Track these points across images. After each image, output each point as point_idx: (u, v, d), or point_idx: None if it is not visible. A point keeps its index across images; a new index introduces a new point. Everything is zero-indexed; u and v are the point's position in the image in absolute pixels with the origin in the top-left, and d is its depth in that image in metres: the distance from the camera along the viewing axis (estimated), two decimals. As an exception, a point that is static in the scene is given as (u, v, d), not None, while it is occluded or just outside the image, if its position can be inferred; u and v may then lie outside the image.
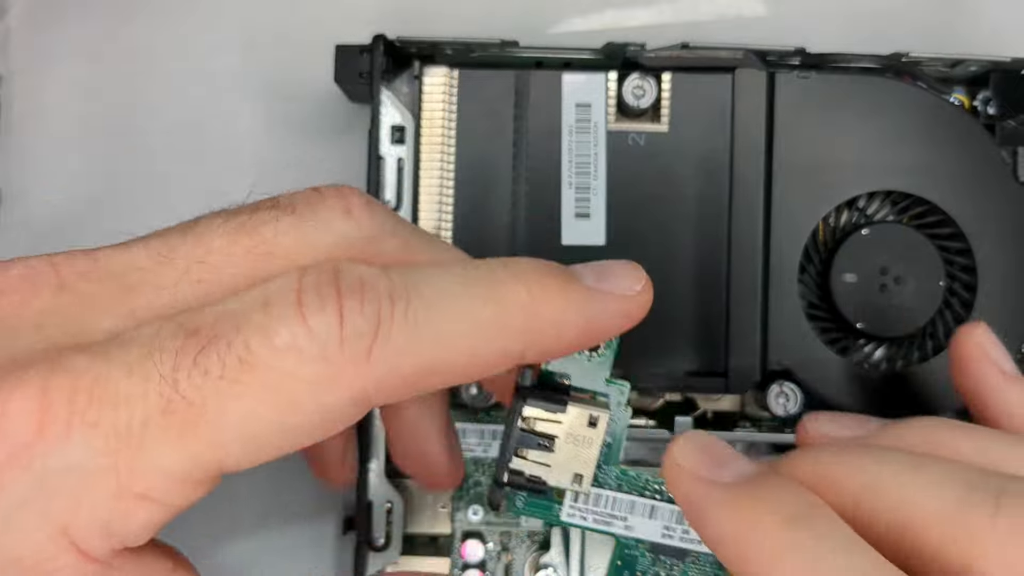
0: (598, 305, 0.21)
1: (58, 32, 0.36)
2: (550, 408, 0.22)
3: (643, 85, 0.31)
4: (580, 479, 0.23)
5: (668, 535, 0.24)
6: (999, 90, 0.32)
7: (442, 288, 0.20)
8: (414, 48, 0.31)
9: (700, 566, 0.24)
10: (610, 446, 0.23)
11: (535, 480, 0.22)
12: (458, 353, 0.20)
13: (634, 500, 0.24)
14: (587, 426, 0.22)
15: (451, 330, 0.20)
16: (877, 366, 0.31)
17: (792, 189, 0.30)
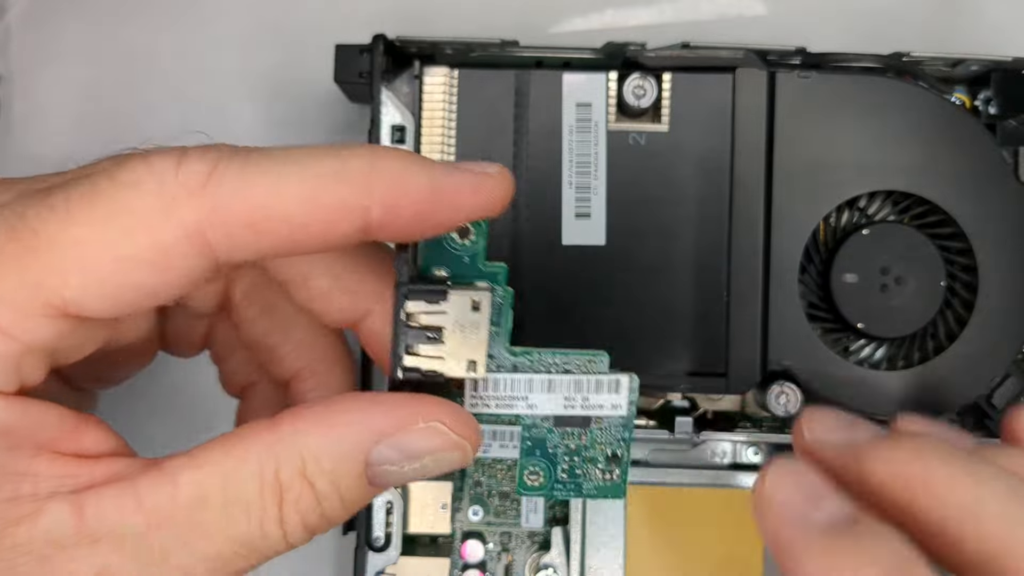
0: (442, 171, 0.21)
1: (58, 32, 0.36)
2: (431, 298, 0.22)
3: (643, 85, 0.31)
4: (474, 365, 0.23)
5: (570, 405, 0.24)
6: (1000, 90, 0.32)
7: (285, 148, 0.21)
8: (414, 48, 0.31)
9: (605, 430, 0.24)
10: (498, 329, 0.23)
11: (431, 374, 0.22)
12: (294, 197, 0.20)
13: (531, 378, 0.24)
14: (471, 311, 0.22)
15: (287, 173, 0.20)
16: (878, 366, 0.31)
17: (793, 189, 0.30)
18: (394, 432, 0.21)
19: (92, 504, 0.20)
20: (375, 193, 0.21)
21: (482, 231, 0.23)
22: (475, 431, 0.22)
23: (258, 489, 0.21)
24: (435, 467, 0.22)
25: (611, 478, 0.24)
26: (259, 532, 0.21)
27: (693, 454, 0.33)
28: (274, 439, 0.21)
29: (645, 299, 0.30)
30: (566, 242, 0.31)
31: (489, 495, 0.33)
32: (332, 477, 0.21)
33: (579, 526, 0.31)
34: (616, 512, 0.31)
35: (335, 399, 0.22)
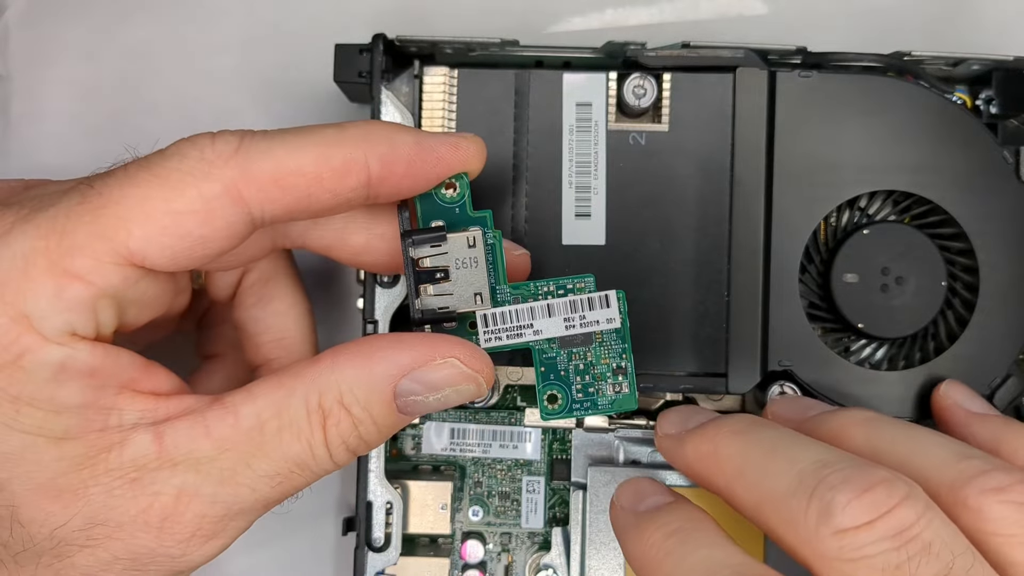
0: (425, 133, 0.26)
1: (57, 31, 0.36)
2: (433, 241, 0.26)
3: (644, 84, 0.31)
4: (480, 297, 0.26)
5: (570, 325, 0.26)
6: (1001, 89, 0.32)
7: (295, 127, 0.26)
8: (414, 47, 0.31)
9: (606, 344, 0.27)
10: (495, 266, 0.26)
11: (444, 310, 0.26)
12: (307, 156, 0.24)
13: (531, 306, 0.26)
14: (468, 247, 0.26)
15: (301, 140, 0.25)
16: (878, 366, 0.31)
17: (793, 188, 0.30)
18: (416, 367, 0.25)
19: (169, 434, 0.24)
20: (371, 150, 0.25)
21: (465, 184, 0.26)
22: (486, 365, 0.25)
23: (305, 415, 0.24)
24: (456, 397, 0.25)
25: (621, 390, 0.27)
26: (309, 452, 0.24)
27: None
28: (316, 373, 0.24)
29: (645, 299, 0.30)
30: (566, 242, 0.31)
31: (489, 495, 0.33)
32: (366, 404, 0.24)
33: (579, 526, 0.31)
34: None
35: (367, 339, 0.25)
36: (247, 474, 0.24)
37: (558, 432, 0.33)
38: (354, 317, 0.35)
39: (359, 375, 0.24)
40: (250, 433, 0.24)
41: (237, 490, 0.24)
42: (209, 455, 0.24)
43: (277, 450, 0.24)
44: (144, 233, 0.23)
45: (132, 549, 0.24)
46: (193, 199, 0.24)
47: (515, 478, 0.33)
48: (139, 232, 0.23)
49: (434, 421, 0.33)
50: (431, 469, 0.33)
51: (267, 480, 0.24)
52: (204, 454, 0.24)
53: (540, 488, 0.33)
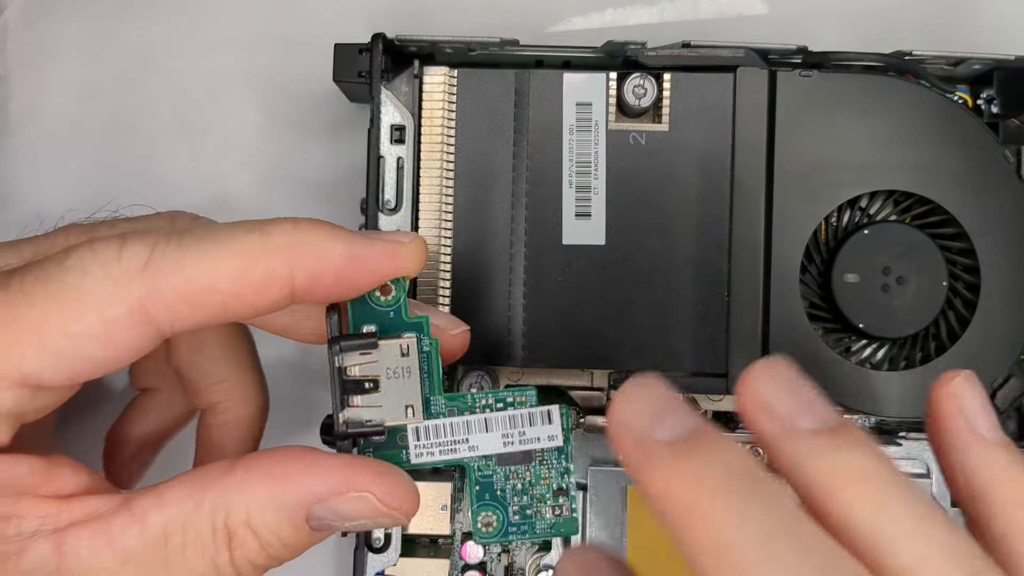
0: (359, 241, 0.24)
1: (56, 31, 0.36)
2: (363, 348, 0.24)
3: (644, 84, 0.31)
4: (412, 409, 0.25)
5: (509, 442, 0.25)
6: (1002, 88, 0.32)
7: (214, 227, 0.24)
8: (414, 47, 0.31)
9: (547, 463, 0.25)
10: (429, 376, 0.25)
11: (372, 424, 0.24)
12: (227, 271, 0.23)
13: (467, 420, 0.25)
14: (401, 356, 0.24)
15: (219, 251, 0.23)
16: (879, 367, 0.31)
17: (793, 188, 0.30)
18: (329, 497, 0.23)
19: (70, 543, 0.23)
20: (297, 263, 0.23)
21: (402, 286, 0.25)
22: (406, 499, 0.24)
23: (210, 533, 0.23)
24: (372, 525, 0.24)
25: (562, 512, 0.25)
26: (214, 570, 0.23)
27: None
28: (225, 488, 0.23)
29: (645, 299, 0.30)
30: (566, 242, 0.30)
31: (489, 496, 0.33)
32: (274, 528, 0.23)
33: (579, 527, 0.31)
34: (616, 512, 0.31)
35: (282, 455, 0.24)
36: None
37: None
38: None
39: (268, 498, 0.23)
40: (155, 546, 0.23)
41: None
42: (110, 567, 0.23)
43: (180, 566, 0.23)
44: (38, 357, 0.22)
45: None
46: (93, 323, 0.22)
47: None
48: (33, 355, 0.22)
49: (434, 421, 0.33)
50: (431, 469, 0.33)
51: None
52: (105, 565, 0.23)
53: (540, 489, 0.33)
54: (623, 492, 0.31)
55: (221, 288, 0.23)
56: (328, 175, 0.36)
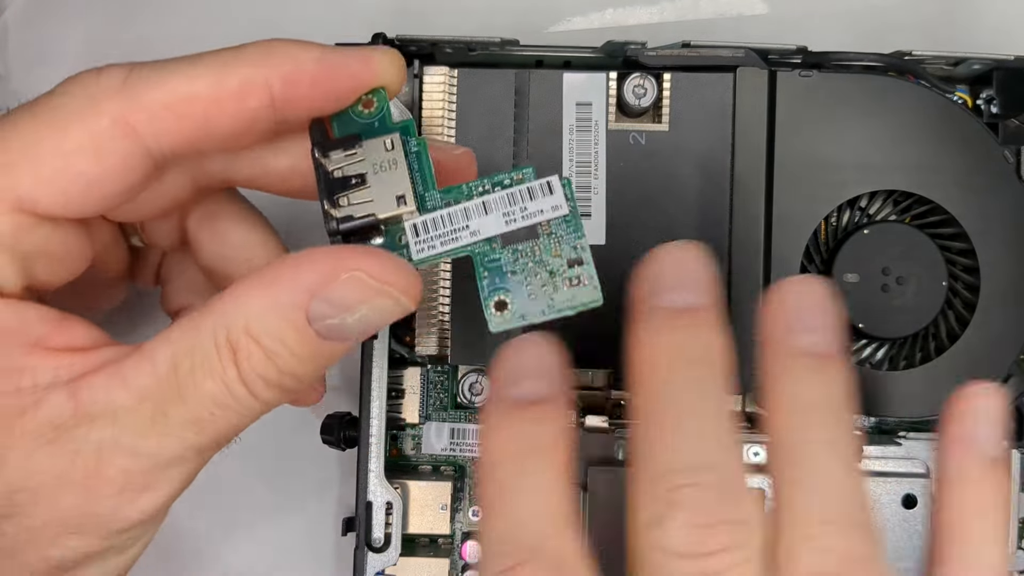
0: (333, 48, 0.24)
1: (56, 31, 0.36)
2: (347, 146, 0.24)
3: (644, 84, 0.31)
4: (403, 199, 0.24)
5: (511, 220, 0.24)
6: (1002, 88, 0.32)
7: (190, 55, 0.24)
8: (414, 47, 0.31)
9: (556, 235, 0.24)
10: (421, 174, 0.24)
11: (366, 218, 0.23)
12: (202, 79, 0.23)
13: (465, 207, 0.24)
14: (386, 151, 0.24)
15: (195, 64, 0.24)
16: (879, 366, 0.31)
17: (793, 188, 0.30)
18: (322, 286, 0.22)
19: (85, 389, 0.23)
20: (273, 67, 0.24)
21: (383, 98, 0.25)
22: (401, 276, 0.23)
23: (215, 352, 0.22)
24: (376, 316, 0.23)
25: (579, 283, 0.24)
26: (226, 391, 0.23)
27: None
28: (223, 305, 0.23)
29: (645, 299, 0.30)
30: (566, 242, 0.30)
31: (489, 495, 0.33)
32: (275, 333, 0.22)
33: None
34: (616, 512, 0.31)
35: (272, 263, 0.23)
36: (167, 422, 0.23)
37: (558, 432, 0.33)
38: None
39: (263, 303, 0.22)
40: (166, 378, 0.22)
41: (160, 440, 0.23)
42: (127, 406, 0.22)
43: (193, 393, 0.23)
44: (32, 177, 0.23)
45: (60, 512, 0.23)
46: (80, 137, 0.23)
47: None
48: (26, 177, 0.23)
49: (434, 421, 0.33)
50: (431, 469, 0.33)
51: (189, 426, 0.23)
52: (122, 405, 0.22)
53: (540, 488, 0.33)
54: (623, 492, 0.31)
55: (200, 95, 0.23)
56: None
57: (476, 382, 0.32)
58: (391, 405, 0.31)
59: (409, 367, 0.33)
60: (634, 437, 0.23)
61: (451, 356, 0.30)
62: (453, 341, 0.30)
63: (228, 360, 0.23)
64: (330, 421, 0.32)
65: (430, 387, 0.33)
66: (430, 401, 0.33)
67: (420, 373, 0.33)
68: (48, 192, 0.23)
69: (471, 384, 0.32)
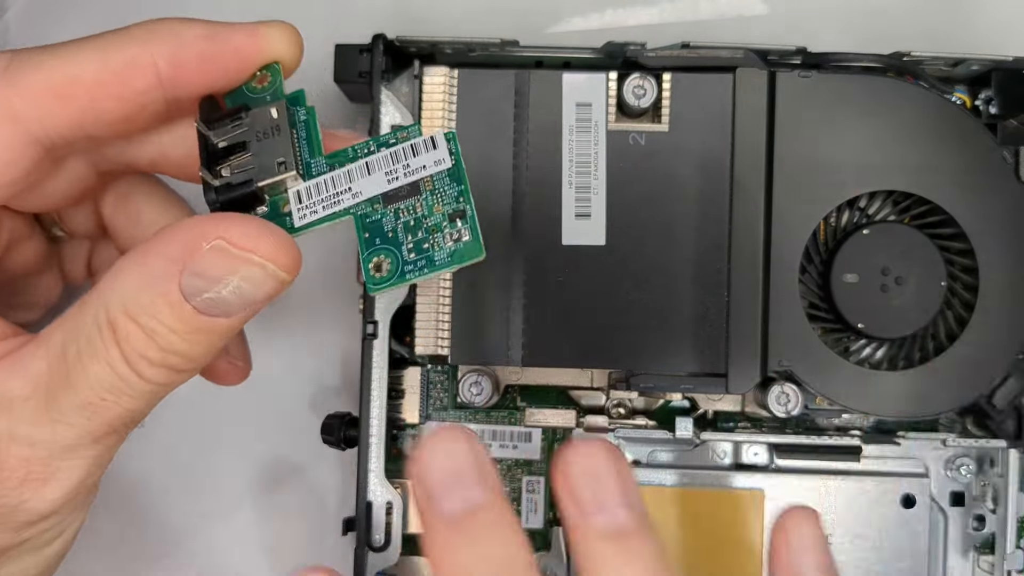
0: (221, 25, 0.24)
1: (57, 31, 0.36)
2: (232, 117, 0.23)
3: (643, 85, 0.31)
4: (284, 164, 0.23)
5: (393, 178, 0.23)
6: (1001, 89, 0.32)
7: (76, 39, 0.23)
8: (414, 48, 0.31)
9: (439, 192, 0.23)
10: (309, 140, 0.24)
11: (244, 185, 0.23)
12: (85, 62, 0.23)
13: (348, 169, 0.23)
14: (271, 119, 0.23)
15: (79, 47, 0.23)
16: (878, 366, 0.31)
17: (793, 189, 0.30)
18: (187, 257, 0.21)
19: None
20: (157, 46, 0.23)
21: (275, 71, 0.24)
22: (266, 242, 0.22)
23: (97, 332, 0.22)
24: (251, 288, 0.22)
25: (460, 237, 0.23)
26: (112, 373, 0.22)
27: (694, 454, 0.33)
28: (103, 284, 0.22)
29: (645, 299, 0.30)
30: (566, 242, 0.31)
31: (489, 495, 0.33)
32: (151, 310, 0.21)
33: (579, 526, 0.31)
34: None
35: (152, 236, 0.22)
36: (58, 408, 0.22)
37: (558, 432, 0.33)
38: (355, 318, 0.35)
39: (138, 280, 0.21)
40: (57, 363, 0.22)
41: (53, 428, 0.22)
42: (23, 394, 0.22)
43: (80, 377, 0.22)
44: None
45: None
46: None
47: (515, 478, 0.33)
48: None
49: (434, 421, 0.33)
50: (431, 469, 0.33)
51: (79, 412, 0.22)
52: (17, 394, 0.22)
53: (540, 488, 0.33)
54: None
55: (82, 77, 0.22)
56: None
57: (476, 382, 0.32)
58: (391, 405, 0.31)
59: (409, 367, 0.33)
60: None
61: (451, 356, 0.30)
62: (453, 341, 0.30)
63: (110, 341, 0.22)
64: (330, 421, 0.32)
65: (430, 387, 0.33)
66: (430, 401, 0.33)
67: (420, 373, 0.33)
68: None
69: (471, 384, 0.32)
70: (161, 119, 0.25)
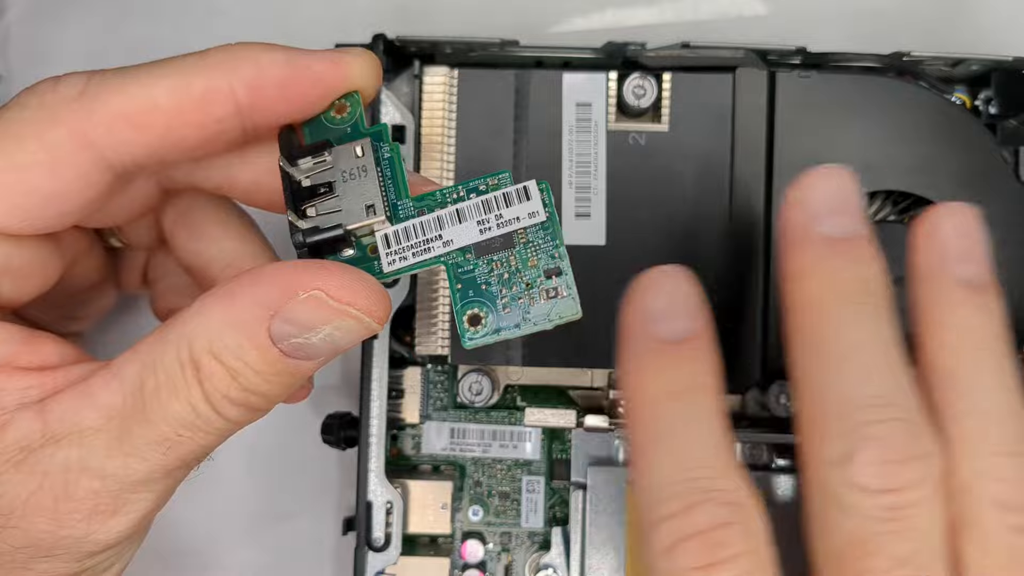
0: (301, 50, 0.23)
1: (57, 31, 0.36)
2: (315, 154, 0.22)
3: (644, 84, 0.31)
4: (373, 208, 0.22)
5: (486, 228, 0.23)
6: (1000, 89, 0.32)
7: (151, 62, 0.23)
8: (414, 47, 0.31)
9: (533, 244, 0.23)
10: (394, 181, 0.23)
11: (333, 228, 0.22)
12: (163, 88, 0.22)
13: (438, 215, 0.23)
14: (355, 158, 0.23)
15: (157, 72, 0.22)
16: (878, 366, 0.31)
17: (793, 189, 0.30)
18: (280, 304, 0.21)
19: (53, 409, 0.22)
20: (236, 73, 0.22)
21: (356, 102, 0.24)
22: (363, 295, 0.21)
23: (179, 369, 0.22)
24: (343, 336, 0.22)
25: (557, 295, 0.23)
26: (191, 411, 0.22)
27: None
28: (186, 319, 0.22)
29: (645, 299, 0.30)
30: (566, 242, 0.30)
31: (489, 495, 0.33)
32: (236, 351, 0.21)
33: (579, 526, 0.31)
34: (616, 512, 0.31)
35: (236, 276, 0.22)
36: (132, 443, 0.22)
37: (558, 432, 0.33)
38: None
39: (225, 320, 0.21)
40: (132, 397, 0.22)
41: (126, 461, 0.22)
42: (94, 426, 0.22)
43: (158, 412, 0.22)
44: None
45: (32, 536, 0.22)
46: (34, 150, 0.22)
47: (515, 478, 0.33)
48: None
49: (434, 421, 0.33)
50: (431, 469, 0.33)
51: (155, 447, 0.22)
52: (89, 425, 0.22)
53: (540, 488, 0.33)
54: (622, 492, 0.31)
55: (160, 105, 0.22)
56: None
57: (476, 382, 0.32)
58: (391, 405, 0.31)
59: (409, 367, 0.33)
60: (801, 373, 0.23)
61: (451, 356, 0.30)
62: (453, 341, 0.30)
63: (192, 379, 0.22)
64: (330, 421, 0.32)
65: (430, 387, 0.33)
66: (430, 401, 0.33)
67: (420, 373, 0.33)
68: (3, 209, 0.22)
69: (471, 384, 0.32)
70: (235, 145, 0.24)
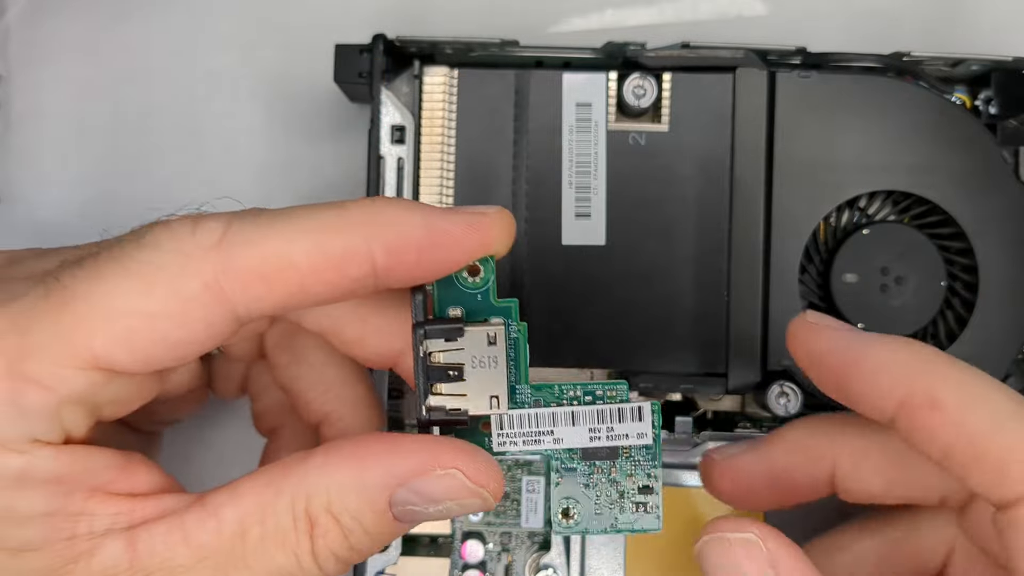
0: (438, 213, 0.23)
1: (57, 31, 0.36)
2: (448, 335, 0.23)
3: (643, 84, 0.31)
4: (497, 400, 0.23)
5: (596, 437, 0.24)
6: (1000, 89, 0.32)
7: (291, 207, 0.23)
8: (414, 47, 0.31)
9: (635, 461, 0.24)
10: (517, 364, 0.24)
11: (455, 412, 0.23)
12: (301, 248, 0.22)
13: (554, 412, 0.24)
14: (488, 345, 0.23)
15: (296, 226, 0.22)
16: (878, 366, 0.31)
17: (793, 189, 0.30)
18: (413, 477, 0.22)
19: (144, 540, 0.22)
20: (376, 238, 0.22)
21: (490, 267, 0.24)
22: (493, 478, 0.22)
23: (291, 522, 0.22)
24: (459, 509, 0.23)
25: (645, 510, 0.25)
26: (296, 564, 0.22)
27: (693, 454, 0.33)
28: (304, 473, 0.22)
29: (645, 299, 0.30)
30: (566, 242, 0.31)
31: (489, 495, 0.33)
32: (357, 514, 0.22)
33: (579, 526, 0.31)
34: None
35: (363, 438, 0.23)
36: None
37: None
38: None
39: (350, 481, 0.22)
40: (232, 540, 0.22)
41: None
42: (185, 564, 0.21)
43: (260, 561, 0.22)
44: (110, 336, 0.21)
45: None
46: (167, 299, 0.21)
47: (515, 478, 0.33)
48: (104, 335, 0.21)
49: (434, 421, 0.33)
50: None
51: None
52: (181, 563, 0.21)
53: (540, 488, 0.33)
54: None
55: (297, 264, 0.22)
56: (328, 175, 0.36)
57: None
58: (391, 405, 0.31)
59: (409, 367, 0.33)
60: None
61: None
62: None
63: (304, 533, 0.22)
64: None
65: (430, 387, 0.33)
66: (430, 401, 0.33)
67: (420, 373, 0.33)
68: (126, 353, 0.21)
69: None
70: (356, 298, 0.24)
